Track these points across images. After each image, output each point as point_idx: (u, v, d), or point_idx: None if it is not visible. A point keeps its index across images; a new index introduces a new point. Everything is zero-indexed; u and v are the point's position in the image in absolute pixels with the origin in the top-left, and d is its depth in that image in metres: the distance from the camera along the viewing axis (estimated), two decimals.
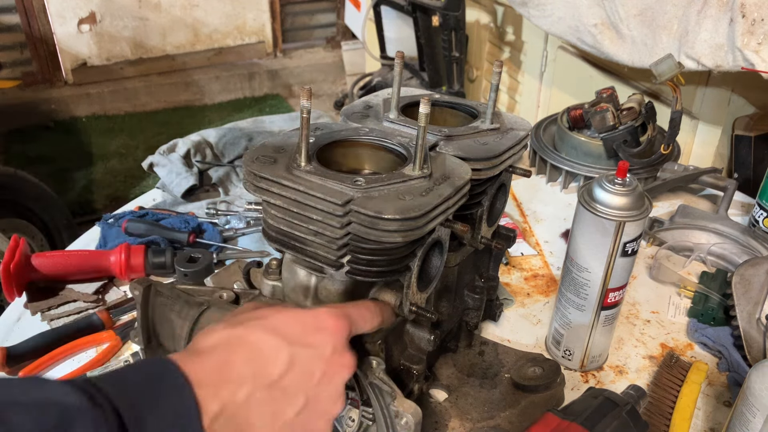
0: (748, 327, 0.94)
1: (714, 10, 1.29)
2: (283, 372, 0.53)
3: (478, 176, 0.73)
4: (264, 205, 0.66)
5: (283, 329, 0.55)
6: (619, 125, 1.32)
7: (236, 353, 0.52)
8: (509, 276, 1.16)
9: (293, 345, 0.54)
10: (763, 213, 1.20)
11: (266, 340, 0.54)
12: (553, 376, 0.87)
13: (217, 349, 0.53)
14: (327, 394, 0.56)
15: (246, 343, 0.53)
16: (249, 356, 0.53)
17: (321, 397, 0.55)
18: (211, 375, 0.50)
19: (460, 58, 2.52)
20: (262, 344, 0.54)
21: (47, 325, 1.01)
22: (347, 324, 0.58)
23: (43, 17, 4.00)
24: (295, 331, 0.55)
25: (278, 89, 4.70)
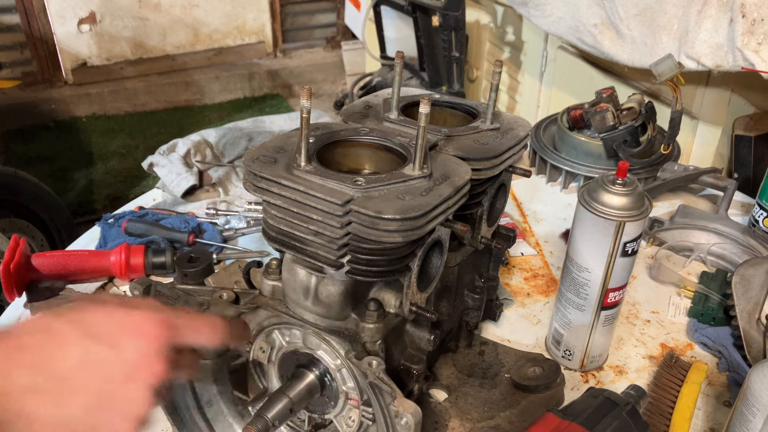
0: (748, 327, 0.94)
1: (714, 10, 1.29)
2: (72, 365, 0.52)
3: (478, 176, 0.73)
4: (264, 205, 0.66)
5: (92, 325, 0.55)
6: (619, 125, 1.32)
7: (33, 339, 0.53)
8: (509, 276, 1.16)
9: (94, 342, 0.54)
10: (763, 213, 1.20)
11: (66, 331, 0.54)
12: (553, 376, 0.87)
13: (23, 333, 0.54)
14: (127, 396, 0.54)
15: (46, 331, 0.54)
16: (42, 344, 0.53)
17: (119, 398, 0.53)
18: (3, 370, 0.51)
19: (460, 58, 2.52)
20: (60, 335, 0.53)
21: None
22: (167, 332, 0.56)
23: (43, 17, 4.00)
24: (104, 330, 0.54)
25: (278, 89, 4.70)
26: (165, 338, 0.56)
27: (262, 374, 0.78)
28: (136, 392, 0.54)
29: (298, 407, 0.69)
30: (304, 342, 0.71)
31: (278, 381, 0.75)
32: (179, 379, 0.58)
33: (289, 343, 0.72)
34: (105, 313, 0.56)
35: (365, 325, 0.67)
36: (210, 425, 0.81)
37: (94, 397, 0.53)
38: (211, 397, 0.80)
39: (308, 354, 0.70)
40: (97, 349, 0.54)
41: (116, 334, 0.55)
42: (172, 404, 0.79)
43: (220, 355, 0.77)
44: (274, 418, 0.66)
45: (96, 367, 0.53)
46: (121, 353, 0.54)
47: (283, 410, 0.67)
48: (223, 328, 0.62)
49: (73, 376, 0.53)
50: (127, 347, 0.54)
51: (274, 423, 0.66)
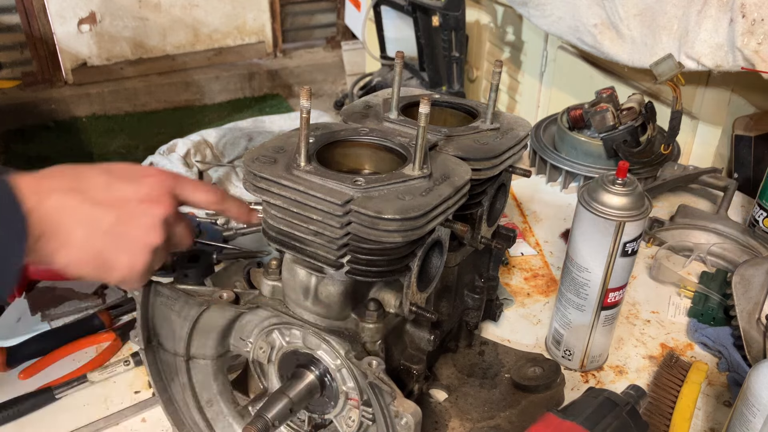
0: (748, 327, 0.94)
1: (714, 10, 1.29)
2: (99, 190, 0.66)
3: (478, 176, 0.73)
4: (264, 205, 0.66)
5: (114, 169, 0.69)
6: (619, 125, 1.32)
7: (63, 174, 0.67)
8: (509, 276, 1.16)
9: (116, 178, 0.68)
10: (763, 213, 1.20)
11: (91, 169, 0.68)
12: (553, 376, 0.87)
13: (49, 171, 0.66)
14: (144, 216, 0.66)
15: (73, 169, 0.68)
16: (72, 176, 0.67)
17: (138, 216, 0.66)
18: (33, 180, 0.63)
19: (460, 58, 2.51)
20: (87, 171, 0.68)
21: (47, 325, 1.01)
22: (173, 180, 0.70)
23: (43, 17, 4.00)
24: (124, 172, 0.69)
25: (278, 89, 4.70)
26: (173, 184, 0.69)
27: (262, 374, 0.78)
28: (151, 216, 0.66)
29: (298, 407, 0.69)
30: (304, 342, 0.71)
31: (278, 381, 0.75)
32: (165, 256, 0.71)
33: (289, 343, 0.72)
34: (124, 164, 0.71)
35: (365, 325, 0.67)
36: (210, 425, 0.81)
37: (117, 212, 0.65)
38: (211, 397, 0.80)
39: (308, 354, 0.70)
40: (118, 183, 0.67)
41: (134, 176, 0.69)
42: (172, 403, 0.79)
43: (220, 355, 0.77)
44: (274, 418, 0.66)
45: (118, 192, 0.66)
46: (139, 188, 0.67)
47: (283, 410, 0.67)
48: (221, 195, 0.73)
49: (101, 197, 0.65)
50: (143, 185, 0.68)
51: (274, 423, 0.66)
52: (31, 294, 1.06)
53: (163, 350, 0.76)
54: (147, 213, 0.66)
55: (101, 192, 0.66)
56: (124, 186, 0.67)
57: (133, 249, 0.66)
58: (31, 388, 0.89)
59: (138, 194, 0.67)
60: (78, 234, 0.64)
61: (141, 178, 0.68)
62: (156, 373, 0.77)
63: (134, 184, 0.67)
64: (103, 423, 0.85)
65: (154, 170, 0.70)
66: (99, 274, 0.66)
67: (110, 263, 0.66)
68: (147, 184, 0.68)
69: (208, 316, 0.72)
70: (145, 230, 0.66)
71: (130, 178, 0.68)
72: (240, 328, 0.75)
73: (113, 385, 0.92)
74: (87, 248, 0.65)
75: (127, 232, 0.65)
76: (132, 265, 0.66)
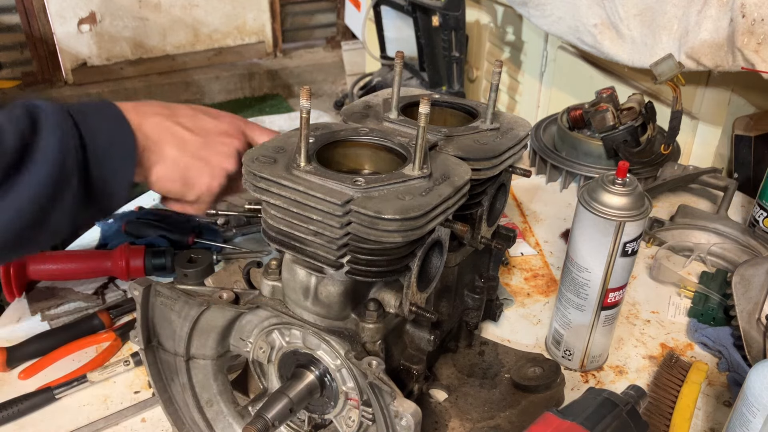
0: (748, 327, 0.94)
1: (714, 10, 1.29)
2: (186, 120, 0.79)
3: (478, 176, 0.73)
4: (264, 205, 0.66)
5: (195, 106, 0.82)
6: (619, 125, 1.32)
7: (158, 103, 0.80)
8: (509, 276, 1.16)
9: (201, 113, 0.81)
10: (763, 213, 1.20)
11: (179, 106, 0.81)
12: (553, 376, 0.87)
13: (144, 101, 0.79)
14: (223, 145, 0.80)
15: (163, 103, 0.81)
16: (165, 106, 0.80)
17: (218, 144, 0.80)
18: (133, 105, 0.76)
19: (460, 58, 2.51)
20: (175, 106, 0.81)
21: (47, 325, 1.01)
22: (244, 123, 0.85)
23: (43, 17, 4.00)
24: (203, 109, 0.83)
25: (278, 89, 4.70)
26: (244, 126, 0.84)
27: (262, 374, 0.78)
28: (228, 146, 0.80)
29: (298, 407, 0.69)
30: (304, 342, 0.71)
31: (278, 381, 0.75)
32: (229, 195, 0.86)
33: (289, 343, 0.72)
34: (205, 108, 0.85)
35: (365, 325, 0.67)
36: (210, 425, 0.81)
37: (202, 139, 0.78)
38: (211, 397, 0.80)
39: (308, 354, 0.70)
40: (202, 116, 0.81)
41: (214, 114, 0.83)
42: (172, 403, 0.79)
43: (220, 355, 0.77)
44: (274, 418, 0.66)
45: (202, 123, 0.80)
46: (219, 123, 0.81)
47: (283, 410, 0.67)
48: None
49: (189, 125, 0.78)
50: (222, 121, 0.82)
51: (274, 423, 0.66)
52: (31, 294, 1.06)
53: (163, 350, 0.76)
54: (225, 143, 0.79)
55: (189, 121, 0.78)
56: (207, 119, 0.80)
57: (213, 171, 0.78)
58: (31, 388, 0.89)
59: (218, 128, 0.80)
60: (171, 152, 0.76)
61: (219, 116, 0.82)
62: (156, 373, 0.77)
63: (215, 120, 0.81)
64: (103, 423, 0.85)
65: (228, 114, 0.84)
66: (182, 189, 0.78)
67: (192, 181, 0.78)
68: (225, 121, 0.82)
69: (208, 316, 0.72)
70: (223, 157, 0.79)
71: (212, 115, 0.82)
72: (240, 328, 0.75)
73: (113, 385, 0.92)
74: (176, 166, 0.76)
75: (209, 156, 0.78)
76: (210, 186, 0.79)
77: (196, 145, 0.77)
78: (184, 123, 0.78)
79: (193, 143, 0.77)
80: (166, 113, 0.78)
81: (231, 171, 0.80)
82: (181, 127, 0.77)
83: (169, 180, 0.77)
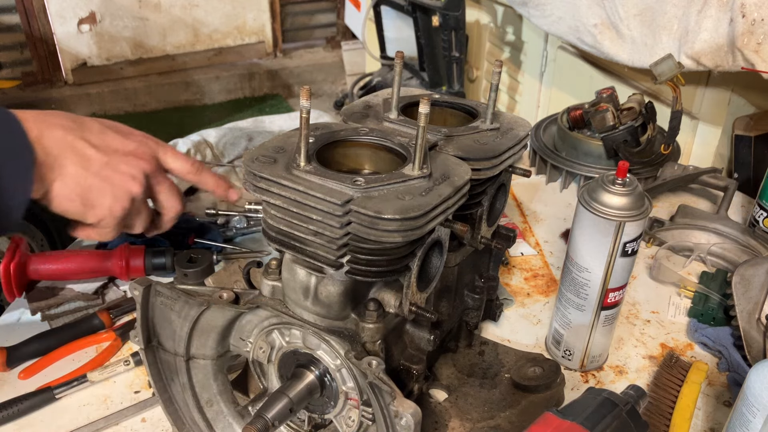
0: (748, 327, 0.94)
1: (714, 10, 1.29)
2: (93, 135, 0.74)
3: (478, 176, 0.73)
4: (264, 205, 0.66)
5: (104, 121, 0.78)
6: (619, 125, 1.32)
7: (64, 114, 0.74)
8: (509, 276, 1.16)
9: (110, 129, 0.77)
10: (763, 213, 1.20)
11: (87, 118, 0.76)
12: (553, 376, 0.87)
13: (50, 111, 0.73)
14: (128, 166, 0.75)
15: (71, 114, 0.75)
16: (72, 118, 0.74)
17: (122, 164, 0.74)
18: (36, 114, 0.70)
19: (460, 58, 2.51)
20: (83, 117, 0.75)
21: (47, 325, 1.01)
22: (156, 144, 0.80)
23: (43, 17, 4.00)
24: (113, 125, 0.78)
25: (278, 89, 4.70)
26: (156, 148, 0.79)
27: (262, 374, 0.78)
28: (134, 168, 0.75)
29: (298, 407, 0.69)
30: (304, 342, 0.71)
31: (278, 381, 0.75)
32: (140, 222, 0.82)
33: (289, 343, 0.72)
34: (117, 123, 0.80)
35: (365, 325, 0.67)
36: (210, 425, 0.81)
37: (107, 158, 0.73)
38: (211, 397, 0.80)
39: (308, 354, 0.70)
40: (111, 133, 0.76)
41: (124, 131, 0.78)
42: (172, 403, 0.79)
43: (220, 355, 0.77)
44: (274, 418, 0.66)
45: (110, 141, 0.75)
46: (127, 142, 0.76)
47: (283, 410, 0.67)
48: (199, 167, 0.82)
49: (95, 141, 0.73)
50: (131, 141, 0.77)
51: (274, 423, 0.66)
52: (31, 294, 1.06)
53: (163, 350, 0.76)
54: (131, 164, 0.75)
55: (96, 137, 0.74)
56: (116, 137, 0.75)
57: (116, 193, 0.73)
58: (31, 388, 0.89)
59: (126, 147, 0.75)
60: (72, 169, 0.70)
61: (130, 135, 0.78)
62: (156, 373, 0.77)
63: (124, 138, 0.76)
64: (103, 423, 0.85)
65: (140, 133, 0.80)
66: (82, 210, 0.73)
67: (93, 202, 0.73)
68: (135, 140, 0.77)
69: (208, 316, 0.72)
70: (128, 178, 0.74)
71: (122, 132, 0.77)
72: (240, 328, 0.75)
73: (113, 385, 0.92)
74: (77, 184, 0.71)
75: (112, 177, 0.73)
76: (111, 208, 0.73)
77: (100, 164, 0.72)
78: (89, 139, 0.73)
79: (97, 161, 0.72)
80: (72, 126, 0.72)
81: (136, 194, 0.74)
82: (86, 143, 0.72)
83: (68, 199, 0.71)
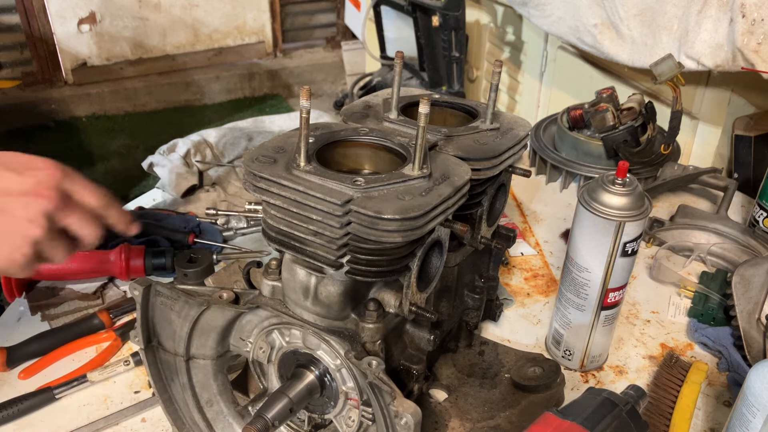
0: (748, 327, 0.94)
1: (714, 10, 1.29)
2: None
3: (478, 176, 0.73)
4: (264, 205, 0.66)
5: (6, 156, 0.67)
6: (619, 125, 1.32)
7: None
8: (509, 276, 1.16)
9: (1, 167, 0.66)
10: (763, 213, 1.20)
11: None
12: (553, 376, 0.87)
13: None
14: (24, 208, 0.65)
15: None
16: None
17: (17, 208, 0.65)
18: None
19: (460, 58, 2.51)
20: None
21: (47, 325, 1.01)
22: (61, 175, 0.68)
23: (43, 17, 4.00)
24: (10, 161, 0.67)
25: (278, 89, 4.70)
26: (61, 179, 0.68)
27: (262, 374, 0.78)
28: (31, 209, 0.65)
29: (298, 407, 0.69)
30: (304, 342, 0.71)
31: (278, 381, 0.75)
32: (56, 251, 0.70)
33: (289, 343, 0.72)
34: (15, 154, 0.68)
35: (365, 325, 0.67)
36: (210, 425, 0.81)
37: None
38: (211, 397, 0.80)
39: (308, 354, 0.70)
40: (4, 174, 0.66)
41: (22, 167, 0.67)
42: (172, 403, 0.79)
43: (220, 355, 0.77)
44: (274, 418, 0.66)
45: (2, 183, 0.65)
46: (24, 180, 0.66)
47: (283, 410, 0.67)
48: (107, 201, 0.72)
49: None
50: (29, 177, 0.66)
51: (274, 423, 0.66)
52: (31, 294, 1.06)
53: (163, 350, 0.76)
54: (27, 205, 0.65)
55: None
56: (9, 177, 0.66)
57: (12, 242, 0.65)
58: (31, 388, 0.89)
59: (22, 186, 0.66)
60: None
61: (28, 170, 0.67)
62: (156, 373, 0.77)
63: (19, 176, 0.66)
64: (103, 423, 0.85)
65: (44, 163, 0.68)
66: None
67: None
68: (33, 176, 0.67)
69: (208, 316, 0.72)
70: (23, 223, 0.65)
71: (17, 170, 0.67)
72: (240, 328, 0.75)
73: (113, 385, 0.92)
74: None
75: (5, 225, 0.65)
76: (11, 258, 0.66)
77: None
78: None
79: None
80: None
81: (37, 237, 0.66)
82: None
83: None
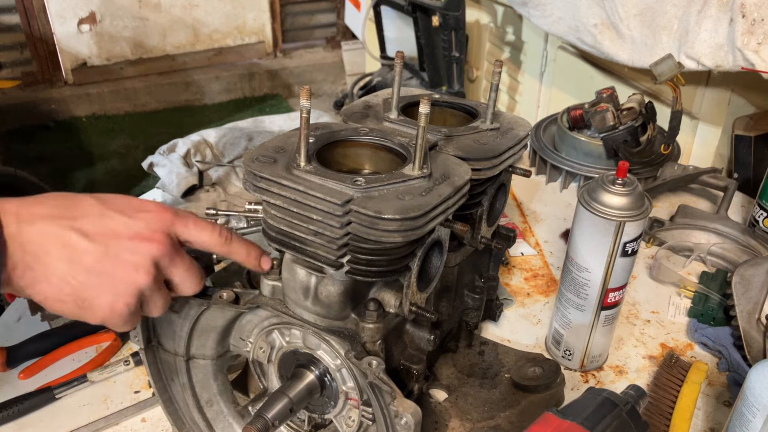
0: (748, 327, 0.94)
1: (714, 10, 1.29)
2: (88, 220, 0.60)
3: (478, 176, 0.73)
4: (264, 205, 0.66)
5: (111, 200, 0.63)
6: (619, 125, 1.32)
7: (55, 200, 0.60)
8: (509, 276, 1.16)
9: (111, 210, 0.61)
10: (763, 213, 1.20)
11: (85, 197, 0.62)
12: (553, 376, 0.87)
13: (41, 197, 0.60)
14: (132, 253, 0.60)
15: (66, 197, 0.61)
16: (63, 203, 0.60)
17: (124, 252, 0.60)
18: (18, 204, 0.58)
19: (460, 58, 2.51)
20: (80, 199, 0.61)
21: (47, 325, 1.01)
22: (172, 217, 0.64)
23: (43, 17, 4.00)
24: (121, 205, 0.63)
25: (278, 89, 4.70)
26: (172, 221, 0.64)
27: (262, 374, 0.78)
28: (139, 255, 0.61)
29: (298, 407, 0.69)
30: (304, 342, 0.71)
31: (278, 381, 0.75)
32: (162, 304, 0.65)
33: (289, 343, 0.72)
34: (126, 197, 0.65)
35: (365, 325, 0.67)
36: (210, 425, 0.81)
37: (103, 247, 0.60)
38: (211, 397, 0.80)
39: (308, 354, 0.70)
40: (112, 214, 0.61)
41: (130, 209, 0.63)
42: (172, 403, 0.79)
43: (220, 355, 0.77)
44: (274, 418, 0.66)
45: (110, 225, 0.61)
46: (133, 223, 0.62)
47: (283, 410, 0.67)
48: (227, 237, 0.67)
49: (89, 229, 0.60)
50: (138, 219, 0.62)
51: (274, 423, 0.66)
52: None
53: (163, 350, 0.76)
54: (136, 251, 0.61)
55: (90, 223, 0.60)
56: (117, 219, 0.62)
57: (116, 289, 0.60)
58: (31, 388, 0.89)
59: (130, 230, 0.61)
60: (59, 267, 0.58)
61: (137, 212, 0.63)
62: (156, 373, 0.77)
63: (128, 218, 0.62)
64: (103, 423, 0.85)
65: (153, 205, 0.64)
66: (78, 312, 0.61)
67: (89, 303, 0.60)
68: (142, 219, 0.62)
69: (208, 316, 0.72)
70: (130, 270, 0.61)
71: (125, 212, 0.62)
72: (240, 328, 0.75)
73: (113, 385, 0.92)
74: (66, 284, 0.59)
75: (111, 270, 0.60)
76: (113, 307, 0.61)
77: (95, 257, 0.60)
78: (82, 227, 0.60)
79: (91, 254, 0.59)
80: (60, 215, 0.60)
81: (143, 286, 0.61)
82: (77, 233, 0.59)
83: (58, 301, 0.60)
